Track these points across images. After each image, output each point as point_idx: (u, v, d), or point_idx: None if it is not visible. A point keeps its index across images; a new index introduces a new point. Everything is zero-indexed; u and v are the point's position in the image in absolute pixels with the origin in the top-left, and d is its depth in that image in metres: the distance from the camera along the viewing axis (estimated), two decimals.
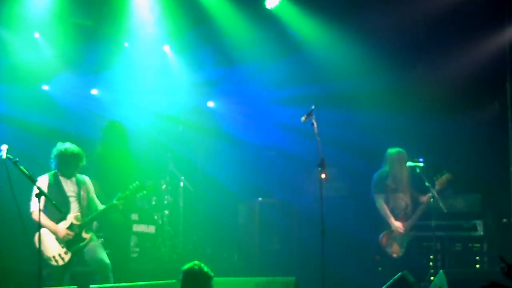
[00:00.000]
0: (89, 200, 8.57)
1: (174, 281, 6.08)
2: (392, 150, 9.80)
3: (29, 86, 11.14)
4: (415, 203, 9.69)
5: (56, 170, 8.45)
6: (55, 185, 8.36)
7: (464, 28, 10.97)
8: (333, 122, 10.78)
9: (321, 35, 11.51)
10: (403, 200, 9.69)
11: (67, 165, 8.43)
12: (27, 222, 7.54)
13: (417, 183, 9.69)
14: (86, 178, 8.64)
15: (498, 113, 11.04)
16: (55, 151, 8.46)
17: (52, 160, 8.46)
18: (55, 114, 11.33)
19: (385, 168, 9.79)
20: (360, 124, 11.63)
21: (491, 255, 10.05)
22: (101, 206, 8.58)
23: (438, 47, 11.39)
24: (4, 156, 7.14)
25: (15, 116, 10.71)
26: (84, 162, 8.56)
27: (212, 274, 5.91)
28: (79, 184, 8.51)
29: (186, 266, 5.90)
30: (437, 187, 9.58)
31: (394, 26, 11.16)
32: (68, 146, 8.48)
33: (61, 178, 8.44)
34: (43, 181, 8.27)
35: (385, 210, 9.63)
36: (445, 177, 9.62)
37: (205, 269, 5.87)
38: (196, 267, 5.86)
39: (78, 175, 8.57)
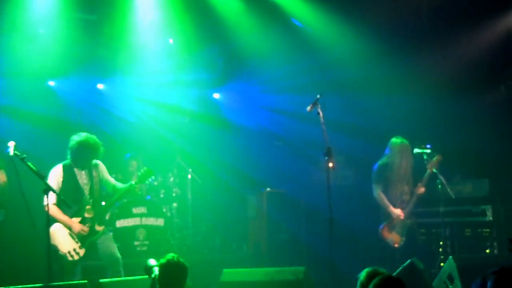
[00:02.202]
0: (104, 183, 8.52)
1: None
2: (395, 140, 9.76)
3: (35, 82, 11.16)
4: (413, 193, 9.67)
5: (70, 161, 8.34)
6: (69, 176, 8.27)
7: (470, 11, 10.93)
8: (339, 110, 10.77)
9: (325, 22, 11.48)
10: (402, 190, 9.68)
11: (84, 156, 8.32)
12: (36, 218, 7.56)
13: (424, 170, 9.68)
14: (97, 162, 8.50)
15: (504, 96, 11.01)
16: (72, 141, 8.30)
17: (68, 151, 8.31)
18: (62, 110, 11.36)
19: (386, 158, 9.77)
20: (366, 111, 11.61)
21: (501, 240, 10.03)
22: (119, 185, 8.56)
23: (443, 31, 11.35)
24: (11, 153, 7.18)
25: (22, 113, 10.74)
26: (101, 152, 8.43)
27: (187, 265, 5.99)
28: (92, 173, 8.40)
29: (164, 258, 5.96)
30: (428, 170, 9.57)
31: (398, 10, 11.12)
32: (85, 136, 8.31)
33: (75, 169, 8.33)
34: (56, 173, 8.23)
35: (383, 199, 9.63)
36: (435, 159, 9.60)
37: (182, 260, 5.96)
38: (175, 259, 5.93)
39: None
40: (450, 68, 11.18)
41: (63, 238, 8.08)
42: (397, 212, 9.57)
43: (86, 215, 8.22)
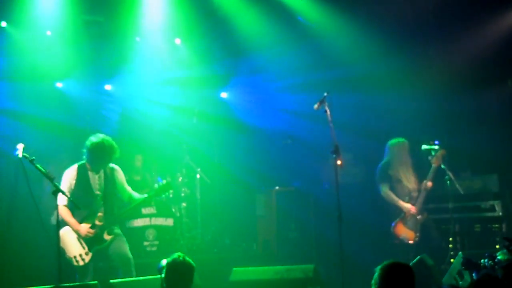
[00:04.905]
0: (120, 190, 8.44)
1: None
2: (392, 141, 9.88)
3: (43, 84, 11.20)
4: (419, 188, 9.70)
5: (86, 162, 8.27)
6: (82, 180, 8.20)
7: (476, 7, 10.90)
8: (346, 107, 10.77)
9: (331, 20, 11.47)
10: (408, 187, 9.74)
11: (100, 158, 8.21)
12: (45, 219, 7.59)
13: (428, 167, 9.68)
14: (115, 167, 8.43)
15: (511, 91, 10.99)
16: (88, 142, 8.19)
17: (84, 152, 8.22)
18: (70, 111, 11.40)
19: (386, 159, 9.84)
20: (374, 108, 11.61)
21: (511, 235, 10.00)
22: (135, 194, 8.48)
23: (449, 27, 11.32)
24: (20, 155, 7.19)
25: (30, 115, 10.78)
26: (117, 155, 8.32)
27: (194, 264, 5.99)
28: (107, 178, 8.32)
29: (170, 258, 5.97)
30: (433, 165, 9.58)
31: (405, 7, 11.11)
32: (101, 138, 8.19)
33: (89, 173, 8.26)
34: (70, 174, 8.19)
35: (392, 196, 9.69)
36: (439, 153, 9.62)
37: (188, 259, 5.95)
38: (180, 258, 5.93)
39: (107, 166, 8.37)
40: (458, 64, 11.16)
41: (71, 242, 8.06)
42: (408, 206, 9.59)
43: (97, 222, 8.16)
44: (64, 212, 7.93)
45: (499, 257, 6.59)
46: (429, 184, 9.63)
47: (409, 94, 11.31)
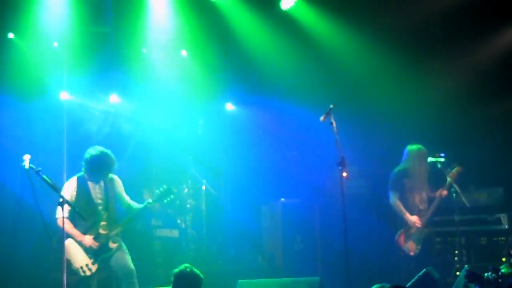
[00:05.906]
0: (119, 200, 8.46)
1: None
2: (412, 147, 9.79)
3: (48, 95, 11.22)
4: (430, 199, 9.68)
5: (84, 173, 8.33)
6: (82, 191, 8.24)
7: (482, 21, 10.92)
8: (352, 120, 10.76)
9: (337, 34, 11.50)
10: (419, 197, 9.69)
11: (98, 170, 8.29)
12: (51, 231, 7.59)
13: (438, 178, 9.67)
14: (114, 177, 8.48)
15: None
16: (86, 154, 8.29)
17: (83, 163, 8.31)
18: (74, 122, 11.41)
19: (404, 165, 9.78)
20: (379, 121, 11.60)
21: None
22: (134, 204, 8.46)
23: (456, 41, 11.34)
24: (27, 166, 7.20)
25: (34, 126, 10.79)
26: (115, 166, 8.42)
27: (202, 276, 5.98)
28: (107, 188, 8.36)
29: (177, 268, 5.97)
30: (449, 179, 9.56)
31: (411, 21, 11.13)
32: (101, 150, 8.30)
33: (89, 183, 8.30)
34: (70, 186, 8.23)
35: (400, 207, 9.63)
36: (455, 170, 9.61)
37: (196, 271, 5.94)
38: (188, 269, 5.92)
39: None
40: (464, 78, 11.17)
41: (77, 253, 8.07)
42: (413, 219, 9.56)
43: (101, 231, 8.18)
44: (66, 225, 7.82)
45: (502, 270, 6.56)
46: (445, 192, 9.61)
47: (414, 107, 11.31)
